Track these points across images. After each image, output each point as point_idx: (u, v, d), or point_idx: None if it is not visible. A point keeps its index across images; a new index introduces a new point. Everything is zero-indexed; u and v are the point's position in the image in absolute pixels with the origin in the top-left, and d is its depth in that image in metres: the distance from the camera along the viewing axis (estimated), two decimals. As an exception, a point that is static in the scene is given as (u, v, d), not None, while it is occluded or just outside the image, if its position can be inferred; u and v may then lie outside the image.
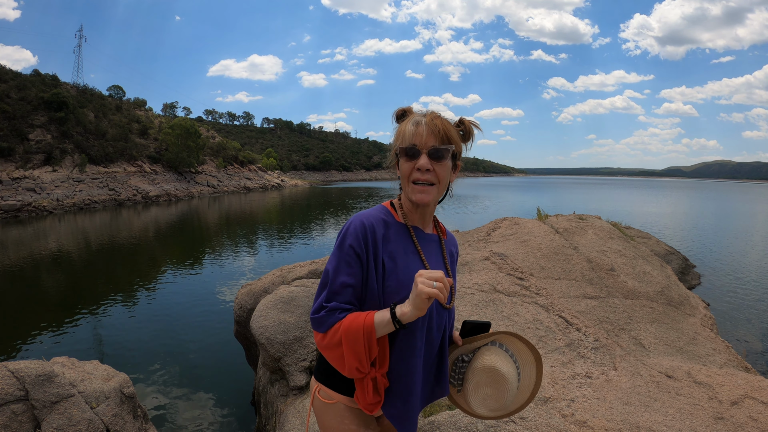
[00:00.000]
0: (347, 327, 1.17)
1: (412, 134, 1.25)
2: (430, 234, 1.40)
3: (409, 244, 1.31)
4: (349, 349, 1.17)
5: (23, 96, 36.87)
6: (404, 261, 1.27)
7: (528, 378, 1.35)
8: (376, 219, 1.28)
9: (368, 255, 1.22)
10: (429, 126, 1.25)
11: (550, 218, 6.94)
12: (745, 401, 2.61)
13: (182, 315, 8.48)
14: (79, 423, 2.76)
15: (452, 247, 1.49)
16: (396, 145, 1.31)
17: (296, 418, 2.97)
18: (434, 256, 1.37)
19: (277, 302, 4.02)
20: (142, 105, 57.23)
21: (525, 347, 1.32)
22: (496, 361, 1.28)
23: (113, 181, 35.92)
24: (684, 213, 34.13)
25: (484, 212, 29.67)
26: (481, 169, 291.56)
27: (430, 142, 1.24)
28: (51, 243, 16.65)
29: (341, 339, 1.17)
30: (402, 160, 1.28)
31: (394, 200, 1.40)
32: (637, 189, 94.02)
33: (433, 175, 1.25)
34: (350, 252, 1.22)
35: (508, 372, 1.26)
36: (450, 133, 1.27)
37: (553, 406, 2.57)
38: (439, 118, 1.28)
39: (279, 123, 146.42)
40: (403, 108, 1.36)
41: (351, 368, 1.19)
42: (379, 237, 1.25)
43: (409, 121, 1.29)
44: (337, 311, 1.21)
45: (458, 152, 1.32)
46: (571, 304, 4.14)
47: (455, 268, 1.49)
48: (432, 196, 1.27)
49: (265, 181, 60.90)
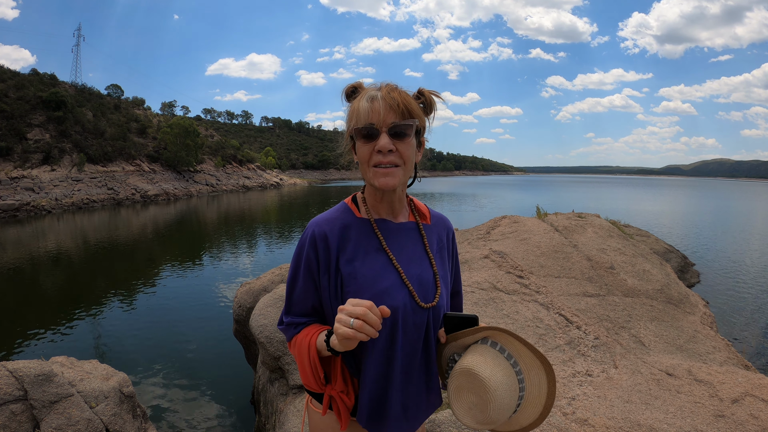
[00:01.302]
0: (297, 344, 1.15)
1: (368, 111, 1.08)
2: (403, 222, 1.24)
3: (374, 241, 1.17)
4: (300, 366, 1.15)
5: (21, 95, 36.77)
6: (366, 261, 1.14)
7: (537, 387, 1.10)
8: (330, 223, 1.17)
9: (319, 268, 1.15)
10: (386, 100, 1.07)
11: (550, 216, 6.93)
12: (746, 399, 2.60)
13: (181, 314, 8.46)
14: (79, 422, 2.75)
15: (440, 231, 1.32)
16: (350, 127, 1.14)
17: (296, 416, 2.96)
18: (409, 247, 1.21)
19: (277, 301, 4.01)
20: (140, 104, 57.14)
21: (527, 349, 1.10)
22: (476, 362, 1.07)
23: (112, 180, 35.85)
24: (683, 211, 34.18)
25: (483, 210, 29.69)
26: (480, 168, 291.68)
27: (390, 118, 1.07)
28: (50, 242, 16.62)
29: (295, 355, 1.16)
30: (359, 143, 1.12)
31: (358, 194, 1.25)
32: (636, 187, 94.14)
33: (397, 156, 1.09)
34: (302, 264, 1.17)
35: (490, 377, 1.04)
36: (411, 106, 1.10)
37: (553, 404, 2.57)
38: (397, 90, 1.11)
39: (277, 122, 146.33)
40: (353, 84, 1.18)
41: (308, 384, 1.17)
42: (333, 245, 1.14)
43: (362, 97, 1.12)
44: (293, 326, 1.18)
45: (422, 127, 1.16)
46: (571, 302, 4.14)
47: (447, 255, 1.32)
48: (398, 178, 1.11)
49: (264, 179, 60.85)
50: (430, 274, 1.22)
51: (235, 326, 5.19)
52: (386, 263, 1.16)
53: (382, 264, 1.15)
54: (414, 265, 1.20)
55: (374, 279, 1.13)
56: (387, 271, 1.15)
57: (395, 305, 1.11)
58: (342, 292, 1.14)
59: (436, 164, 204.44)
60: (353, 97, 1.18)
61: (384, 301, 1.09)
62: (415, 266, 1.20)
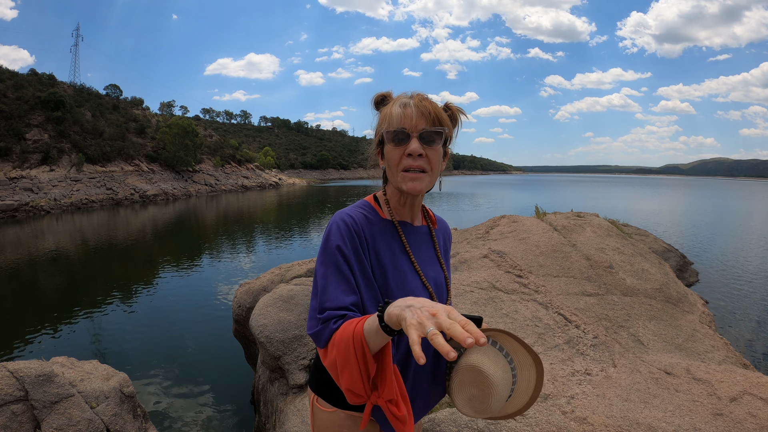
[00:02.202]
0: (338, 339, 0.99)
1: (400, 117, 1.12)
2: (419, 226, 1.28)
3: (397, 243, 1.19)
4: (342, 368, 0.99)
5: (20, 95, 36.70)
6: (393, 262, 1.16)
7: (527, 381, 1.19)
8: (360, 217, 1.17)
9: (358, 254, 1.11)
10: (418, 107, 1.12)
11: (549, 216, 6.95)
12: (744, 398, 2.62)
13: (181, 314, 8.47)
14: (79, 423, 2.76)
15: (444, 235, 1.38)
16: (381, 130, 1.17)
17: (296, 416, 2.97)
18: (424, 250, 1.26)
19: (277, 300, 4.01)
20: (139, 104, 57.02)
21: (522, 348, 1.17)
22: (481, 360, 1.13)
23: (110, 180, 35.81)
24: (681, 211, 34.22)
25: (482, 210, 29.70)
26: (479, 167, 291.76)
27: (421, 124, 1.11)
28: (49, 243, 16.60)
29: (335, 355, 1.00)
30: (389, 147, 1.15)
31: (378, 194, 1.27)
32: (635, 187, 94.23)
33: (425, 161, 1.12)
34: (337, 253, 1.09)
35: (494, 374, 1.10)
36: (441, 116, 1.14)
37: (553, 403, 2.58)
38: (428, 99, 1.15)
39: (276, 121, 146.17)
40: (382, 93, 1.22)
41: (346, 391, 1.03)
42: (367, 235, 1.14)
43: (394, 103, 1.16)
44: (332, 320, 1.03)
45: (449, 137, 1.20)
46: (569, 301, 4.15)
47: (448, 257, 1.39)
48: (425, 184, 1.14)
49: (263, 179, 60.82)
50: (443, 277, 1.29)
51: (234, 326, 5.20)
52: (410, 266, 1.20)
53: (407, 266, 1.19)
54: (429, 268, 1.26)
55: (402, 280, 1.16)
56: (411, 273, 1.19)
57: None
58: (376, 281, 1.13)
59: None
60: (382, 104, 1.22)
61: None
62: (430, 269, 1.26)
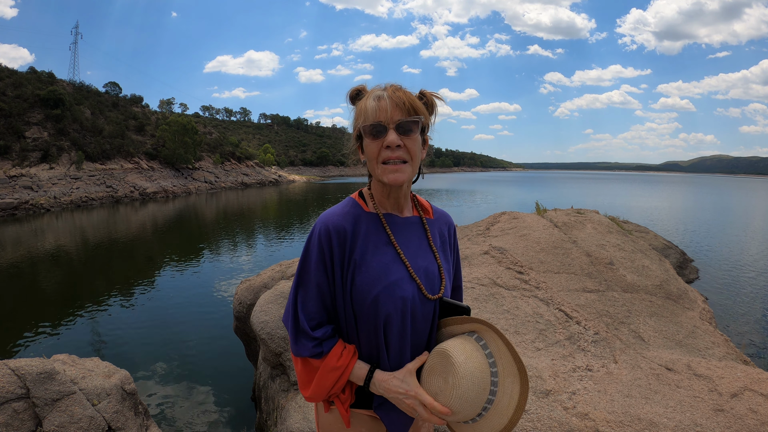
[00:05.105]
0: (329, 368, 1.16)
1: (375, 110, 1.13)
2: (408, 217, 1.29)
3: (382, 235, 1.22)
4: (318, 382, 1.18)
5: (19, 94, 36.64)
6: (376, 255, 1.19)
7: (508, 396, 1.06)
8: (343, 217, 1.20)
9: (333, 260, 1.16)
10: (392, 99, 1.13)
11: (549, 212, 6.94)
12: (745, 393, 2.62)
13: (181, 311, 8.48)
14: (81, 420, 2.76)
15: (442, 226, 1.37)
16: (357, 125, 1.19)
17: (298, 412, 2.97)
18: (414, 240, 1.26)
19: (278, 297, 4.01)
20: (138, 102, 56.88)
21: (508, 353, 1.06)
22: (453, 346, 1.08)
23: (110, 178, 35.78)
24: (681, 207, 34.23)
25: (483, 206, 29.70)
26: (479, 164, 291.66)
27: (396, 115, 1.13)
28: (49, 241, 16.60)
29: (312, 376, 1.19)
30: (367, 141, 1.17)
31: (364, 189, 1.30)
32: (635, 183, 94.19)
33: (404, 151, 1.14)
34: (315, 258, 1.18)
35: (462, 363, 1.02)
36: (416, 105, 1.15)
37: (554, 399, 2.58)
38: (401, 89, 1.17)
39: (276, 119, 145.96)
40: (356, 87, 1.24)
41: (315, 396, 1.21)
42: (348, 237, 1.17)
43: (369, 96, 1.17)
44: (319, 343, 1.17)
45: (426, 125, 1.21)
46: (570, 297, 4.15)
47: (449, 249, 1.37)
48: (407, 174, 1.16)
49: (263, 176, 60.76)
50: (435, 266, 1.28)
51: (235, 323, 5.20)
52: (395, 257, 1.20)
53: (391, 257, 1.20)
54: (420, 258, 1.25)
55: (385, 272, 1.17)
56: (396, 264, 1.19)
57: (405, 297, 1.16)
58: (353, 283, 1.16)
59: (435, 160, 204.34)
60: (358, 99, 1.23)
61: (394, 292, 1.15)
62: (420, 259, 1.25)
